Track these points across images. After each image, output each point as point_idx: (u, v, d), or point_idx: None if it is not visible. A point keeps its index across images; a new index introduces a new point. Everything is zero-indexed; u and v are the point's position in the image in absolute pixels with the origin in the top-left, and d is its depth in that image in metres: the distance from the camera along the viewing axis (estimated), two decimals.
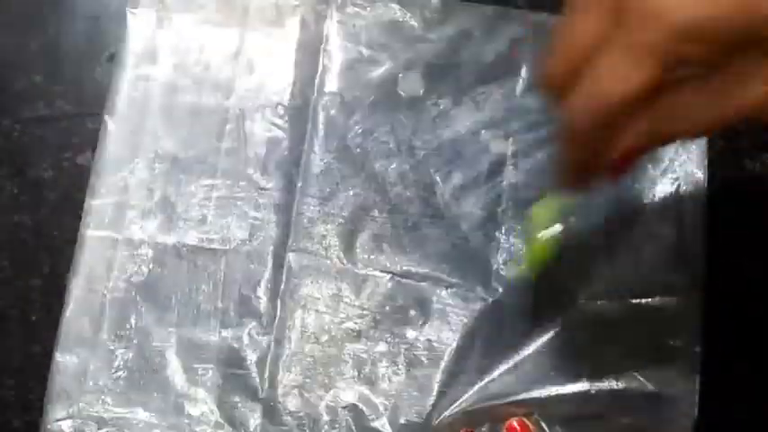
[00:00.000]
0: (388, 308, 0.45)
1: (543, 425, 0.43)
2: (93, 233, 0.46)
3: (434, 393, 0.44)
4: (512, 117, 0.48)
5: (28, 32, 0.50)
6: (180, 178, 0.47)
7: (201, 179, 0.47)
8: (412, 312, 0.45)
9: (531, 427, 0.44)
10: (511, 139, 0.47)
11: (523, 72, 0.48)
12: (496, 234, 0.46)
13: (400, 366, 0.45)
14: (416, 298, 0.46)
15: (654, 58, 0.24)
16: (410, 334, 0.45)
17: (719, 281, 0.45)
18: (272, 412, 0.44)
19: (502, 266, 0.46)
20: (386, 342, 0.45)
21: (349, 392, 0.44)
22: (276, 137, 0.48)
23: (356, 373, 0.45)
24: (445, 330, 0.45)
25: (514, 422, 0.44)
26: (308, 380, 0.45)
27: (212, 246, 0.46)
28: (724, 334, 0.45)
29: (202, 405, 0.44)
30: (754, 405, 0.45)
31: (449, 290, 0.46)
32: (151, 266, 0.45)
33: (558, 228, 0.41)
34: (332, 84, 0.48)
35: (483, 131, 0.48)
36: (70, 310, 0.45)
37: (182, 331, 0.45)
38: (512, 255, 0.46)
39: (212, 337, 0.45)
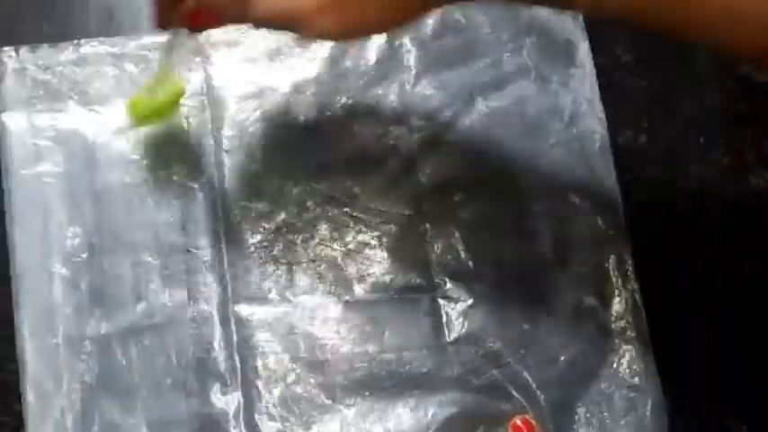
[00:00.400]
0: (343, 331, 0.45)
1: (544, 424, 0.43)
2: (30, 345, 0.44)
3: (415, 399, 0.44)
4: (410, 109, 0.48)
5: None
6: (102, 265, 0.45)
7: (124, 258, 0.45)
8: (367, 329, 0.45)
9: (534, 425, 0.43)
10: (415, 133, 0.47)
11: (410, 62, 0.48)
12: (427, 227, 0.46)
13: (373, 383, 0.44)
14: (368, 313, 0.45)
15: None
16: (372, 349, 0.44)
17: (720, 283, 0.46)
18: None
19: (439, 258, 0.46)
20: (351, 363, 0.44)
21: (331, 423, 0.44)
22: (188, 195, 0.46)
23: (331, 402, 0.44)
24: (406, 336, 0.45)
25: (518, 421, 0.44)
26: (287, 423, 0.44)
27: (154, 321, 0.45)
28: (723, 333, 0.46)
29: None
30: (752, 401, 0.45)
31: (397, 297, 0.45)
32: (100, 360, 0.44)
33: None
34: (227, 126, 0.47)
35: (387, 131, 0.47)
36: (32, 428, 0.43)
37: (149, 413, 0.43)
38: (444, 245, 0.46)
39: (181, 409, 0.44)
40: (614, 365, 0.45)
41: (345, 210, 0.46)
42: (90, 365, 0.44)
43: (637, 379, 0.45)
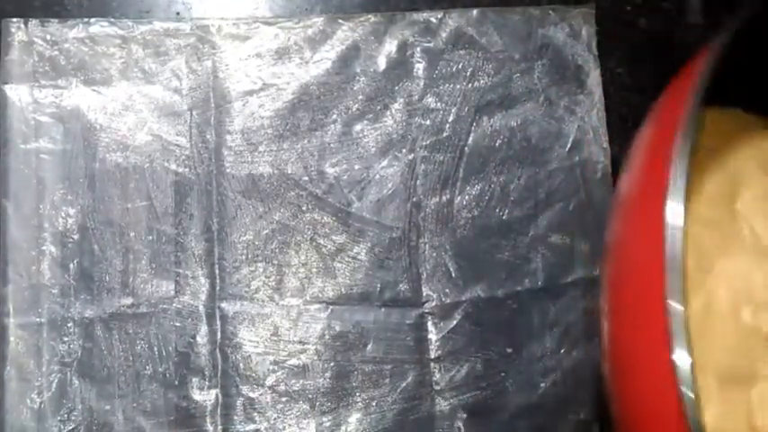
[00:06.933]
0: (327, 337, 0.45)
1: None
2: (14, 321, 0.44)
3: (393, 413, 0.44)
4: (413, 121, 0.47)
5: None
6: (93, 248, 0.45)
7: (115, 244, 0.45)
8: (351, 337, 0.45)
9: None
10: (417, 145, 0.47)
11: (419, 73, 0.48)
12: (420, 242, 0.46)
13: (352, 392, 0.44)
14: (354, 322, 0.45)
15: None
16: (354, 358, 0.45)
17: None
18: None
19: (429, 274, 0.46)
20: (332, 371, 0.44)
21: (308, 429, 0.44)
22: (183, 185, 0.46)
23: (309, 408, 0.44)
24: (389, 348, 0.45)
25: None
26: (263, 425, 0.44)
27: (140, 310, 0.45)
28: None
29: None
30: None
31: (383, 308, 0.45)
32: (81, 343, 0.44)
33: None
34: (230, 120, 0.47)
35: (389, 141, 0.47)
36: (9, 405, 0.43)
37: (126, 402, 0.44)
38: (437, 261, 0.46)
39: (158, 401, 0.44)
40: (595, 397, 0.45)
41: (340, 216, 0.46)
42: (71, 348, 0.44)
43: None
